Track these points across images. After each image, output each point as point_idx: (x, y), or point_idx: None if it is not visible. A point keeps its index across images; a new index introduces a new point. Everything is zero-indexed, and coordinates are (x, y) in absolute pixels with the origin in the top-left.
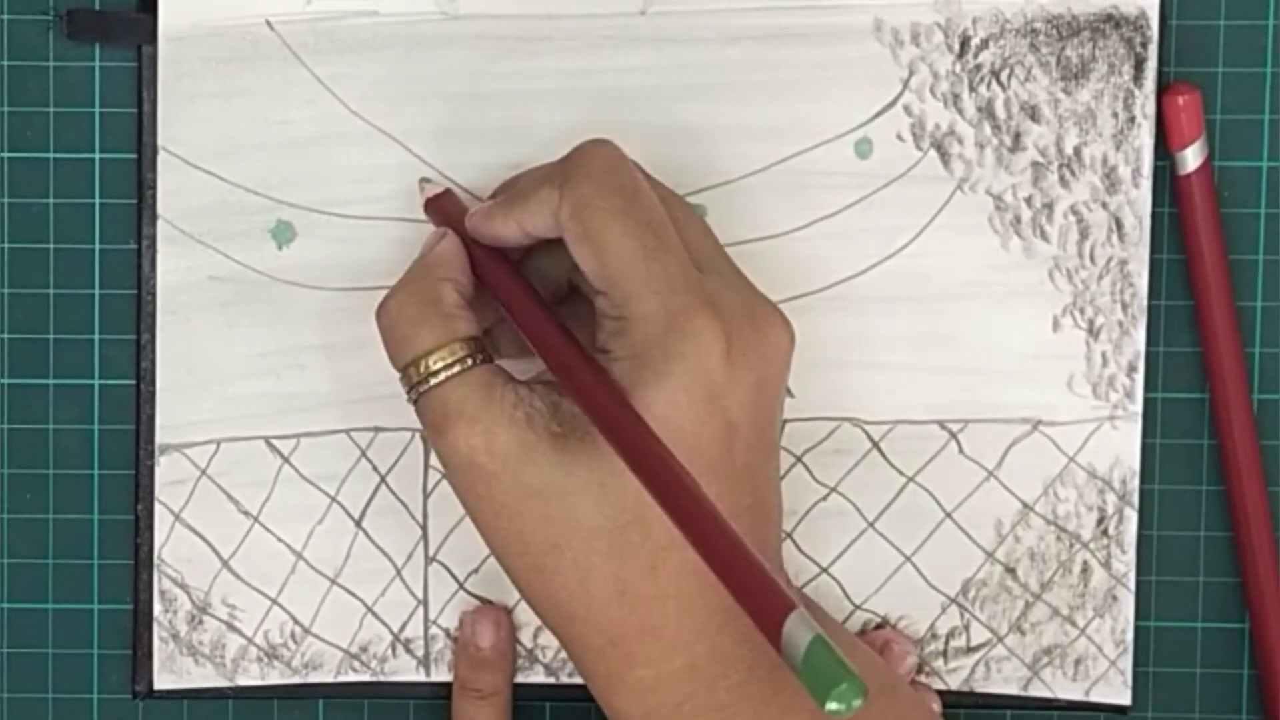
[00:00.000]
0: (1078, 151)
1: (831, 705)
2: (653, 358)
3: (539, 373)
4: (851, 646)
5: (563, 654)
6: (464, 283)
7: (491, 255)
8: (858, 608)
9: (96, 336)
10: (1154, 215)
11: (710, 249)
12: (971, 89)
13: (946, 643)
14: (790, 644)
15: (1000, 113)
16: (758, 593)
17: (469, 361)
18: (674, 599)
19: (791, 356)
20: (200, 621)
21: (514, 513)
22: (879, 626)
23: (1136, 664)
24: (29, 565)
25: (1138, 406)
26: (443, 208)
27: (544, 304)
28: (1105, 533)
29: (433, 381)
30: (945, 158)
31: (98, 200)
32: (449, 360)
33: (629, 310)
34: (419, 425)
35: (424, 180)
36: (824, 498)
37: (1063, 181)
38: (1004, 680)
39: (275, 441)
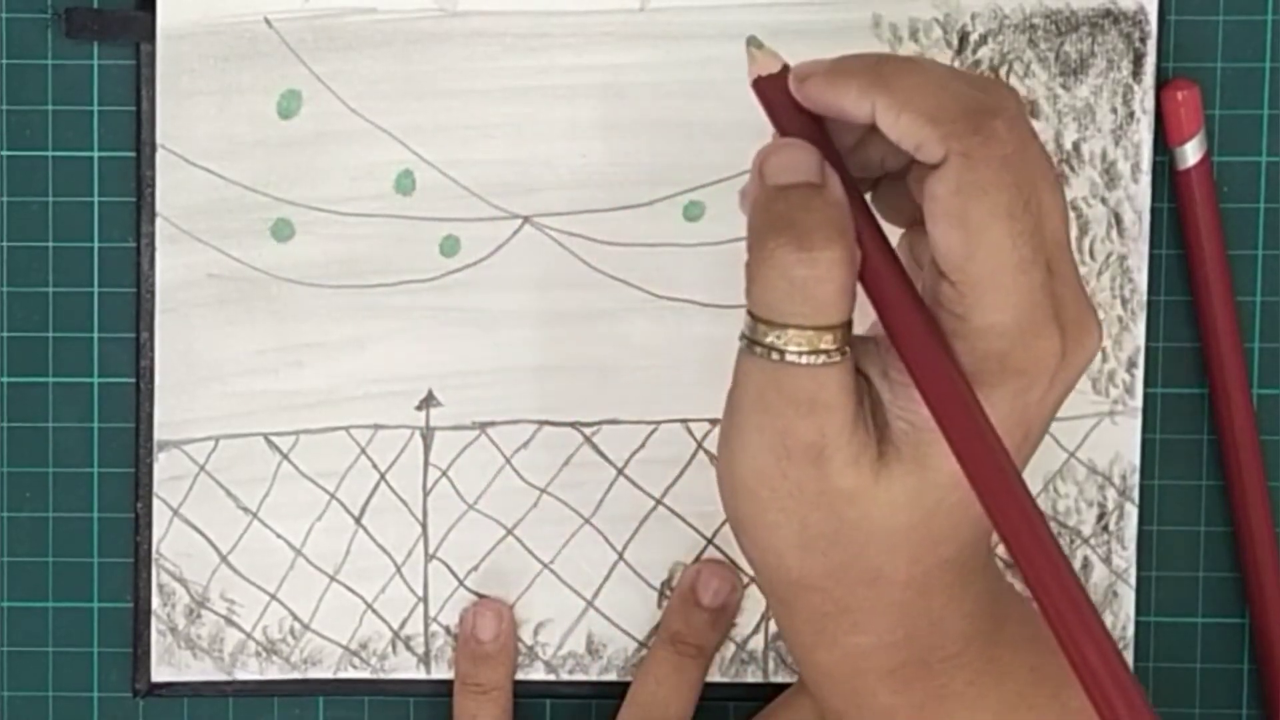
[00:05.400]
0: (1077, 147)
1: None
2: (986, 371)
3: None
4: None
5: (563, 651)
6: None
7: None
8: None
9: (96, 335)
10: (1153, 210)
11: (1061, 239)
12: None
13: None
14: None
15: None
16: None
17: (836, 356)
18: None
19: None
20: (198, 615)
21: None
22: None
23: (1137, 659)
24: (29, 564)
25: (1137, 402)
26: (781, 100)
27: (896, 262)
28: (1105, 528)
29: (789, 357)
30: None
31: (96, 198)
32: (828, 347)
33: (975, 318)
34: (419, 423)
35: (753, 40)
36: None
37: (1062, 177)
38: None
39: (274, 438)
